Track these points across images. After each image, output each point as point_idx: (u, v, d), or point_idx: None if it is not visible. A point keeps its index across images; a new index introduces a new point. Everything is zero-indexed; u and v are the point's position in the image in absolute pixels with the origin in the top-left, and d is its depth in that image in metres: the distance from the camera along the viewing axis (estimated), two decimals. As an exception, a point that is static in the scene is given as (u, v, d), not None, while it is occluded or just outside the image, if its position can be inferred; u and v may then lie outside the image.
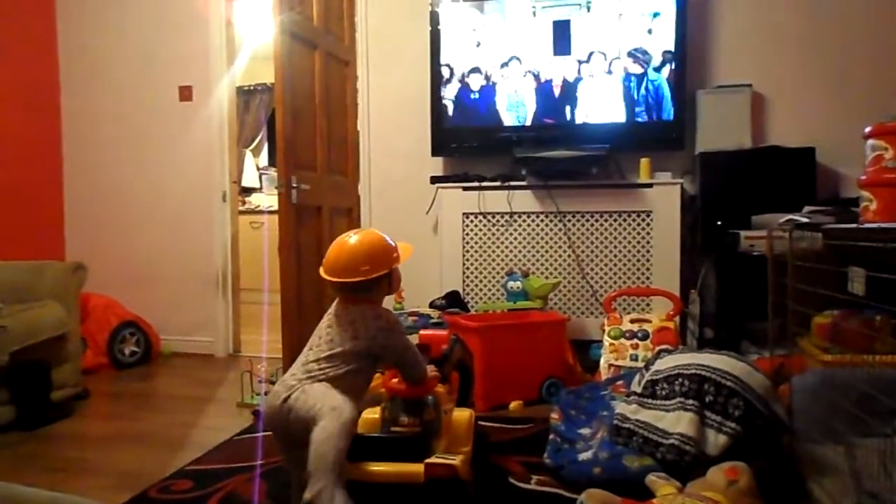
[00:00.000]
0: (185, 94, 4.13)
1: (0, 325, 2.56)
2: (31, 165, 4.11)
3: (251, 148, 7.14)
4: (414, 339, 2.24)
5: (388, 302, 3.36)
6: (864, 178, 1.76)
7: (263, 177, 7.09)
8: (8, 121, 3.92)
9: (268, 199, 6.60)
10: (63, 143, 4.32)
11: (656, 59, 3.46)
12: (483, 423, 2.50)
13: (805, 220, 1.91)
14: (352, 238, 1.80)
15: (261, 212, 6.43)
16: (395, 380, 1.82)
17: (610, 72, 3.51)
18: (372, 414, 1.87)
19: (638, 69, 3.48)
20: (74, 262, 3.23)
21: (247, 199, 6.78)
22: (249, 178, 7.04)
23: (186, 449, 2.42)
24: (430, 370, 1.86)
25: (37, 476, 2.16)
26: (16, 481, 1.04)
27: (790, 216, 1.97)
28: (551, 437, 2.25)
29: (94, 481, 2.16)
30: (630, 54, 3.49)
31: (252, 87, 6.88)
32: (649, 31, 3.47)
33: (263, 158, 7.25)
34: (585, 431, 2.27)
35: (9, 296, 2.78)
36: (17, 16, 3.99)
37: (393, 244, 1.82)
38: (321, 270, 1.79)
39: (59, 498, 1.01)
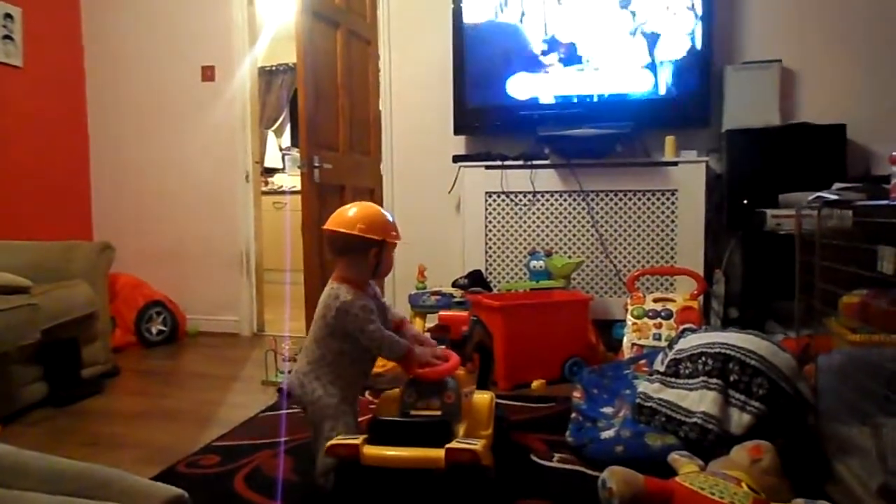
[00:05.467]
0: (208, 74, 4.14)
1: (31, 303, 2.61)
2: (59, 148, 4.17)
3: (273, 129, 7.16)
4: (434, 319, 2.24)
5: (409, 282, 3.39)
6: (895, 154, 1.72)
7: (286, 157, 7.11)
8: (34, 104, 3.97)
9: (290, 180, 6.64)
10: (89, 125, 4.37)
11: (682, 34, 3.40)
12: (505, 402, 2.50)
13: (835, 197, 1.87)
14: (361, 203, 1.86)
15: (283, 192, 6.47)
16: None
17: (635, 41, 3.45)
18: (391, 395, 1.81)
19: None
20: (102, 242, 3.28)
21: (269, 179, 6.82)
22: (272, 159, 7.07)
23: (213, 425, 2.46)
24: (446, 353, 1.81)
25: (69, 450, 2.21)
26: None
27: (819, 193, 1.93)
28: (573, 415, 2.25)
29: (124, 455, 2.21)
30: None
31: (274, 68, 6.88)
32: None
33: (286, 139, 7.27)
34: (608, 410, 2.27)
35: (39, 275, 2.82)
36: (42, -2, 4.03)
37: (395, 225, 1.85)
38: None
39: (91, 468, 1.03)
